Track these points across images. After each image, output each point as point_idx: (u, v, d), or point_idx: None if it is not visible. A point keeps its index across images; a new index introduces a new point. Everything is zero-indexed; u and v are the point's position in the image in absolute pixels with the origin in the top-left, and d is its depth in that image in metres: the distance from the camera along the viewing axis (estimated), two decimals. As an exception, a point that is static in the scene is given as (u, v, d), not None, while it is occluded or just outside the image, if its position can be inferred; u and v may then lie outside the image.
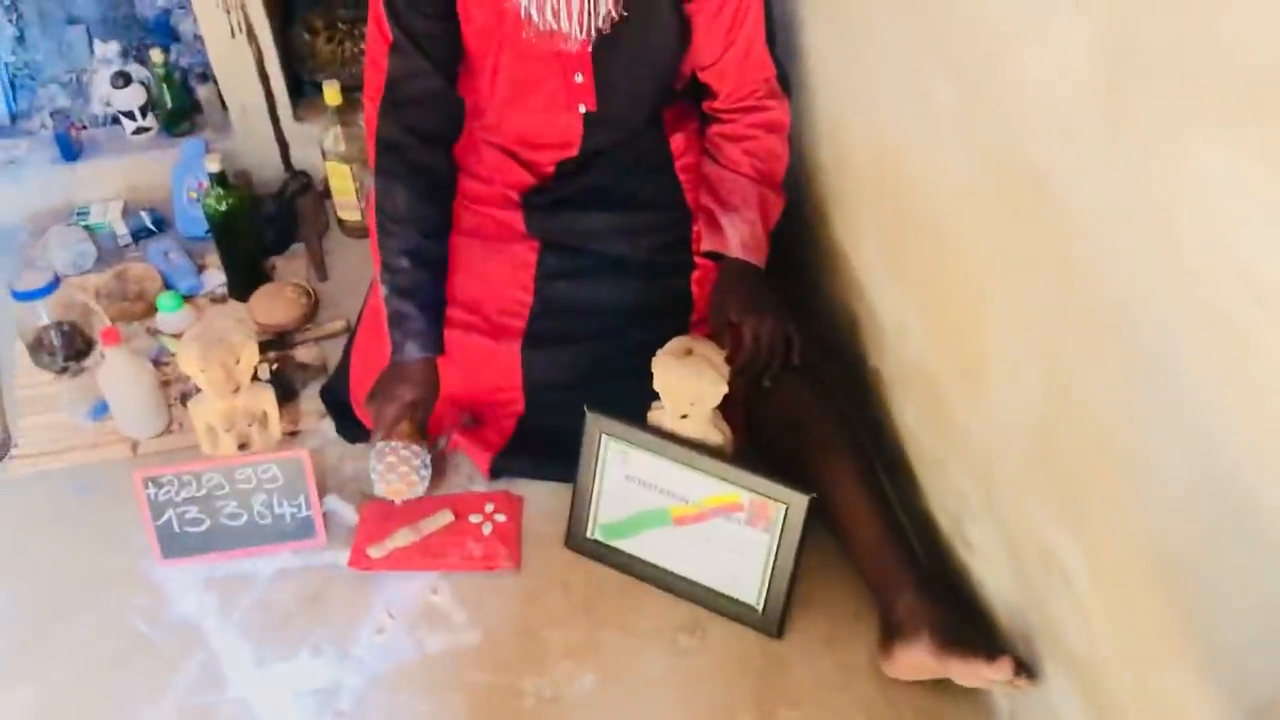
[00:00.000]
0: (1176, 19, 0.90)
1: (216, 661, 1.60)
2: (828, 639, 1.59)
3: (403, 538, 1.69)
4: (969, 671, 1.40)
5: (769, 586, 1.58)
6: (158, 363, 2.00)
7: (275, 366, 1.97)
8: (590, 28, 1.58)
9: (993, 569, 1.47)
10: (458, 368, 1.77)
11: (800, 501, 1.53)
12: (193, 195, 2.28)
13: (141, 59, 2.45)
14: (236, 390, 1.75)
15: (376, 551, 1.68)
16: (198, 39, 2.36)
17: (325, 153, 2.23)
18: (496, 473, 1.79)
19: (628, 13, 1.60)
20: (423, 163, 1.74)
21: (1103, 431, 1.13)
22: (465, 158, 1.86)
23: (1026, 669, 1.37)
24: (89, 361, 2.02)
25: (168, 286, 2.17)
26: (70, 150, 2.37)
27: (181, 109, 2.40)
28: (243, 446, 1.79)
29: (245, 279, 2.16)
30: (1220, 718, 1.00)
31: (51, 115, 2.49)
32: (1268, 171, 0.82)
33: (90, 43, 2.51)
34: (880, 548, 1.55)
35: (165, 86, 2.36)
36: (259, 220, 2.22)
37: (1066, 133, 1.09)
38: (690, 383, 1.56)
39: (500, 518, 1.73)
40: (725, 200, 1.76)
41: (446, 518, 1.72)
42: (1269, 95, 0.81)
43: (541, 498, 1.78)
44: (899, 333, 1.66)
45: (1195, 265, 0.93)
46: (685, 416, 1.60)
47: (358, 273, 2.11)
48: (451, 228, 1.82)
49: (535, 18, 1.56)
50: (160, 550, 1.70)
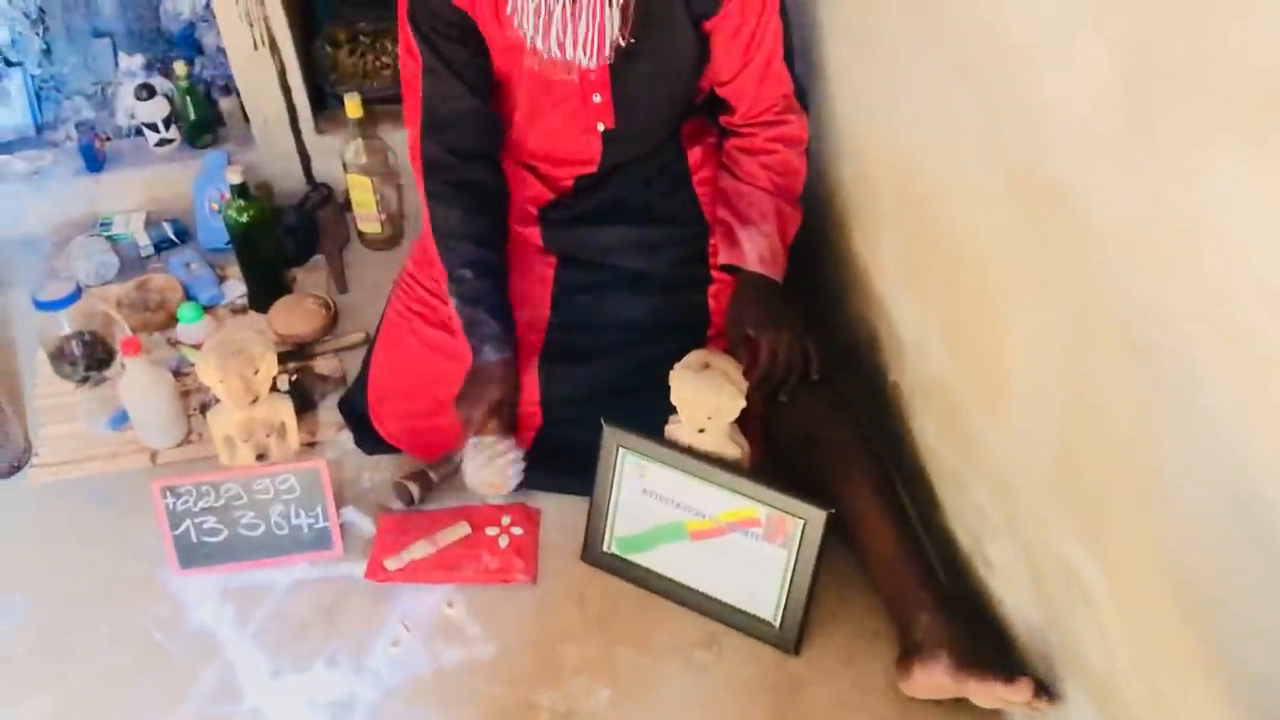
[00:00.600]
0: (1196, 36, 0.90)
1: (232, 672, 1.61)
2: (845, 657, 1.58)
3: (419, 550, 1.69)
4: (987, 692, 1.39)
5: (786, 602, 1.57)
6: (178, 373, 2.01)
7: (294, 378, 1.97)
8: (597, 55, 1.58)
9: (1012, 587, 1.46)
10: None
11: (818, 517, 1.52)
12: (214, 207, 2.29)
13: (166, 71, 2.47)
14: (255, 401, 1.75)
15: (393, 563, 1.68)
16: (221, 52, 2.37)
17: (346, 165, 2.24)
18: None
19: (640, 37, 1.60)
20: (468, 179, 1.76)
21: (1123, 448, 1.12)
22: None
23: (1046, 690, 1.35)
24: (110, 371, 2.03)
25: (189, 297, 2.18)
26: (94, 161, 2.38)
27: (204, 121, 2.42)
28: (261, 457, 1.80)
29: (266, 290, 2.17)
30: (1242, 740, 0.99)
31: (77, 127, 2.51)
32: (1290, 188, 0.82)
33: (115, 55, 2.53)
34: (898, 565, 1.54)
35: (188, 99, 2.38)
36: (280, 232, 2.23)
37: (1087, 148, 1.09)
38: (708, 397, 1.56)
39: (517, 531, 1.73)
40: (743, 214, 1.75)
41: (463, 530, 1.72)
42: (1290, 111, 0.80)
43: (558, 511, 1.77)
44: (918, 347, 1.65)
45: (1216, 281, 0.92)
46: (702, 430, 1.60)
47: (377, 285, 2.11)
48: (507, 235, 1.83)
49: (540, 47, 1.57)
50: (177, 560, 1.70)
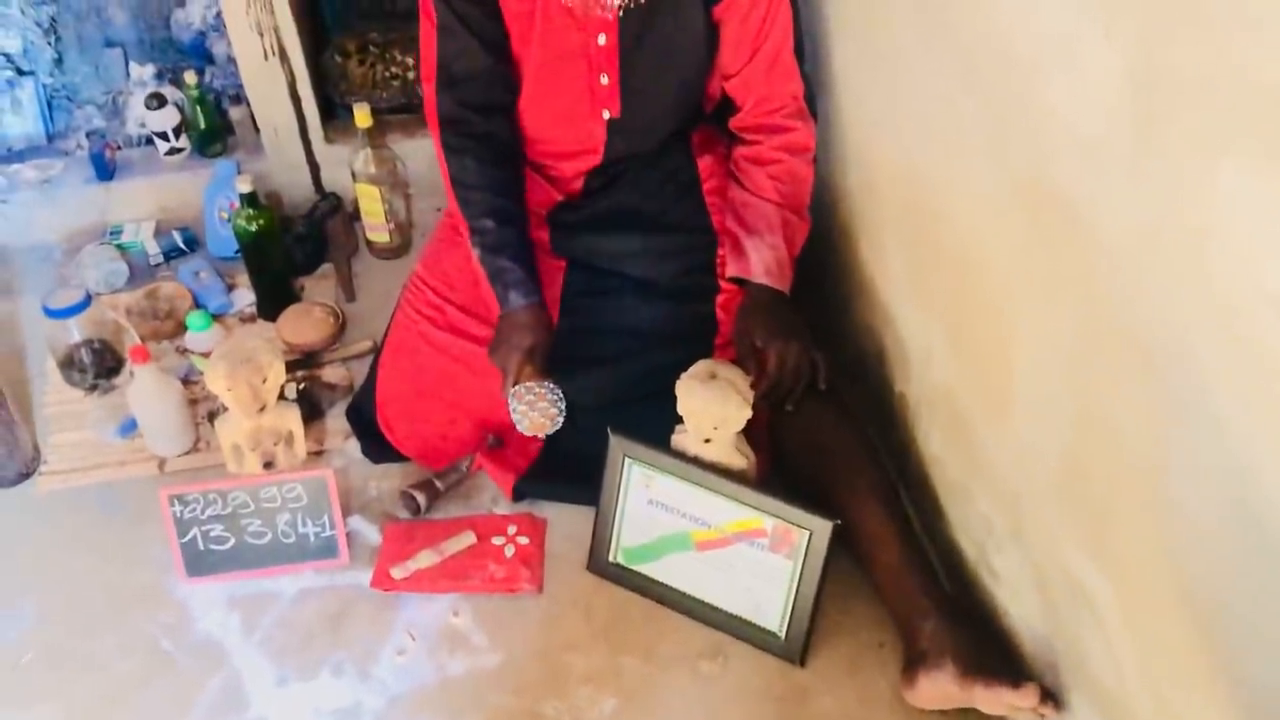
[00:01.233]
0: (1204, 45, 0.90)
1: (238, 680, 1.61)
2: (851, 667, 1.58)
3: (425, 559, 1.69)
4: (994, 699, 1.39)
5: (792, 613, 1.57)
6: (186, 381, 2.02)
7: (302, 386, 1.98)
8: None
9: (1018, 597, 1.45)
10: (483, 387, 1.77)
11: (824, 528, 1.52)
12: (224, 216, 2.30)
13: (176, 81, 2.48)
14: (263, 409, 1.76)
15: (399, 572, 1.68)
16: (231, 61, 2.38)
17: (355, 174, 2.25)
18: (520, 495, 1.79)
19: (650, 21, 1.61)
20: (485, 132, 1.77)
21: (1129, 458, 1.12)
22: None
23: (1052, 696, 1.35)
24: (119, 379, 2.04)
25: (198, 306, 2.19)
26: (105, 170, 2.40)
27: (214, 130, 2.43)
28: (268, 465, 1.80)
29: (274, 299, 2.18)
30: (1248, 753, 0.98)
31: (88, 136, 2.53)
32: (1297, 199, 0.82)
33: (127, 65, 2.54)
34: (903, 574, 1.54)
35: (198, 108, 2.39)
36: (288, 241, 2.24)
37: (1094, 157, 1.09)
38: (714, 407, 1.56)
39: (523, 540, 1.73)
40: (750, 225, 1.76)
41: (469, 539, 1.72)
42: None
43: (565, 521, 1.77)
44: (925, 358, 1.65)
45: (1222, 290, 0.92)
46: (709, 440, 1.60)
47: (385, 294, 2.12)
48: (524, 183, 1.84)
49: None
50: (185, 568, 1.71)
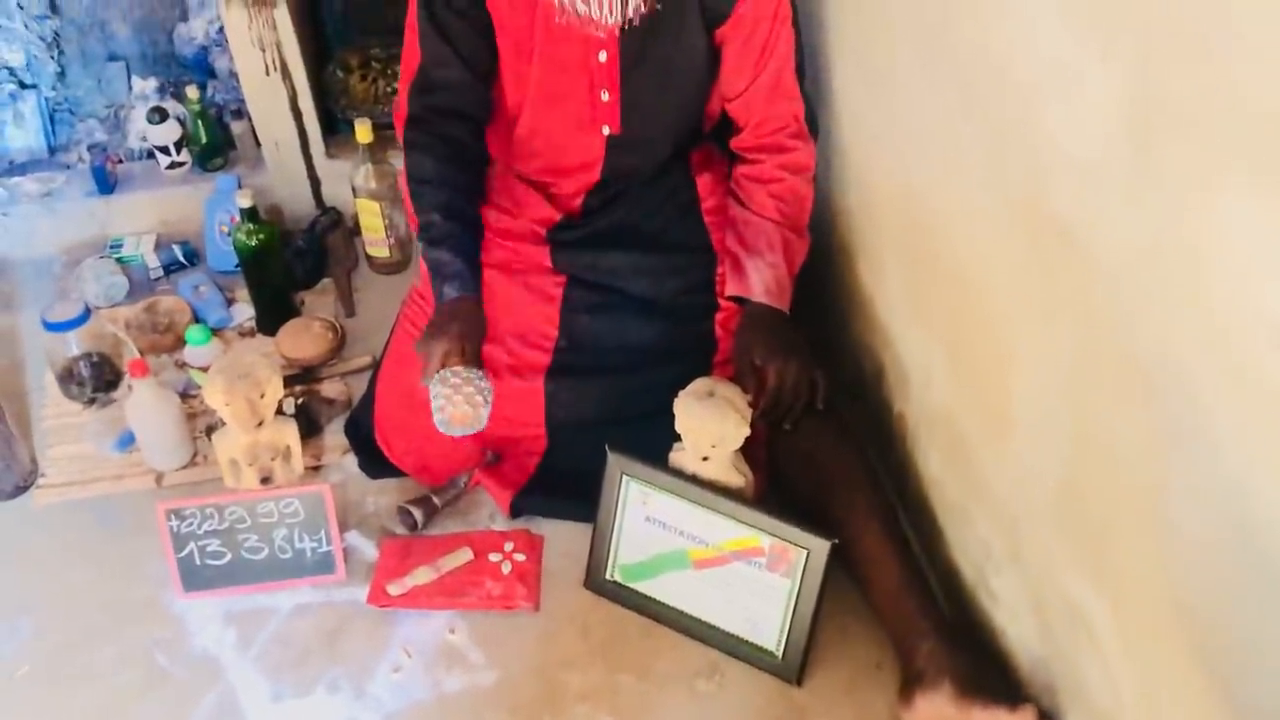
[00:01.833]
0: (1202, 73, 0.90)
1: (234, 696, 1.60)
2: (848, 687, 1.58)
3: (422, 575, 1.69)
4: (991, 721, 1.38)
5: (789, 632, 1.57)
6: (185, 395, 2.02)
7: (300, 401, 1.98)
8: (621, 13, 1.57)
9: (1015, 619, 1.45)
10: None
11: (822, 547, 1.52)
12: (224, 230, 2.31)
13: (178, 95, 2.49)
14: (260, 424, 1.75)
15: (395, 589, 1.68)
16: (233, 76, 2.39)
17: (356, 189, 2.25)
18: (517, 511, 1.79)
19: (651, 38, 1.60)
20: (449, 134, 1.76)
21: (1127, 481, 1.12)
22: (495, 193, 1.89)
23: (1050, 719, 1.35)
24: (117, 393, 2.04)
25: (197, 320, 2.19)
26: (106, 184, 2.40)
27: (215, 145, 2.43)
28: (265, 480, 1.80)
29: (274, 313, 2.18)
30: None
31: (89, 149, 2.53)
32: (1294, 224, 0.82)
33: (129, 79, 2.55)
34: (901, 594, 1.53)
35: (200, 122, 2.39)
36: (288, 255, 2.25)
37: (1092, 182, 1.09)
38: (712, 425, 1.56)
39: (520, 557, 1.73)
40: (750, 244, 1.76)
41: (466, 556, 1.72)
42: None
43: (562, 537, 1.77)
44: (924, 378, 1.65)
45: (1221, 317, 0.92)
46: (707, 459, 1.59)
47: (385, 309, 2.12)
48: (484, 195, 1.84)
49: (566, 4, 1.56)
50: (181, 583, 1.70)
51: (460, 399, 1.57)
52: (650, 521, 1.64)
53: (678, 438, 1.61)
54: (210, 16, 2.49)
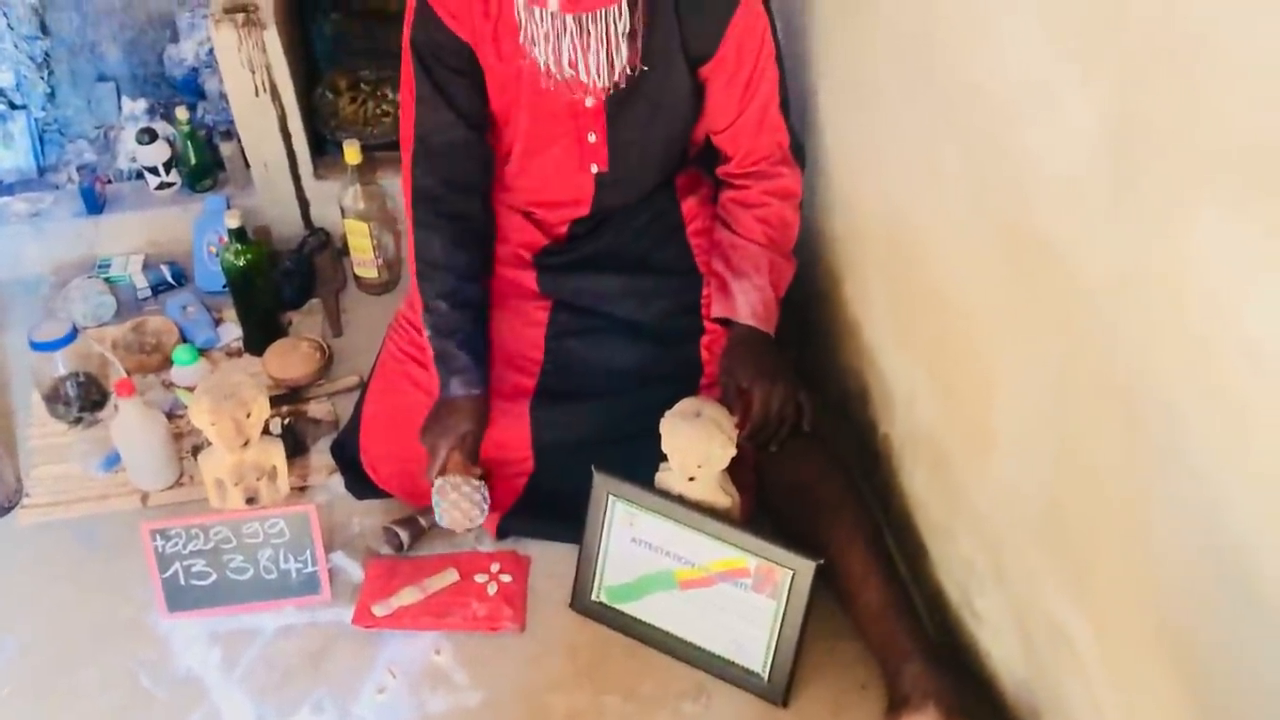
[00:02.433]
0: (1181, 95, 0.91)
1: (218, 717, 1.59)
2: (834, 708, 1.57)
3: (408, 596, 1.69)
4: (975, 744, 1.39)
5: (774, 653, 1.57)
6: (171, 415, 2.01)
7: (287, 421, 1.98)
8: (608, 78, 1.57)
9: (1000, 640, 1.45)
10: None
11: (807, 568, 1.52)
12: (213, 250, 2.31)
13: (168, 116, 2.49)
14: (246, 444, 1.75)
15: (381, 609, 1.68)
16: (223, 97, 2.40)
17: (344, 210, 2.26)
18: (503, 532, 1.79)
19: (646, 67, 1.61)
20: (457, 211, 1.77)
21: (1110, 503, 1.13)
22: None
23: (1033, 744, 1.35)
24: (103, 413, 2.03)
25: (185, 340, 2.19)
26: (94, 204, 2.40)
27: (204, 165, 2.43)
28: (251, 501, 1.79)
29: (261, 333, 2.18)
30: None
31: (78, 169, 2.53)
32: (1270, 246, 0.83)
33: (119, 100, 2.56)
34: (886, 616, 1.54)
35: (189, 143, 2.40)
36: (277, 276, 2.25)
37: (1073, 204, 1.10)
38: (699, 445, 1.56)
39: (506, 578, 1.72)
40: (736, 267, 1.77)
41: (452, 577, 1.72)
42: (1271, 171, 0.81)
43: (549, 558, 1.77)
44: (908, 399, 1.65)
45: (1200, 338, 0.93)
46: (693, 479, 1.60)
47: (373, 329, 2.12)
48: (491, 271, 1.85)
49: (554, 69, 1.58)
50: (166, 603, 1.70)
51: (459, 512, 1.69)
52: (636, 542, 1.64)
53: (664, 458, 1.61)
54: (200, 38, 2.50)
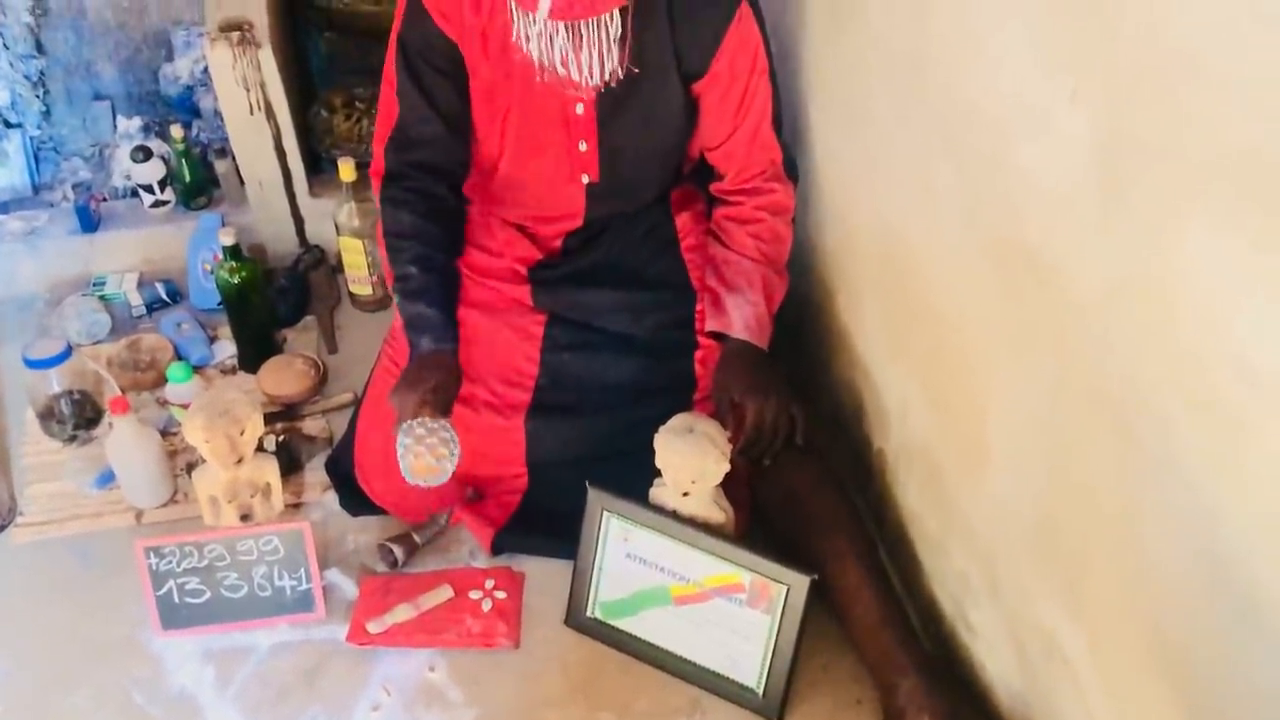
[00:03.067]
0: (1169, 110, 0.92)
1: (212, 735, 1.59)
2: (828, 724, 1.58)
3: (402, 613, 1.68)
4: (970, 759, 1.38)
5: (769, 669, 1.57)
6: (166, 433, 2.01)
7: (281, 438, 1.98)
8: (599, 78, 1.57)
9: (994, 653, 1.45)
10: (462, 442, 1.77)
11: (801, 583, 1.52)
12: (207, 268, 2.31)
13: (163, 134, 2.50)
14: (240, 461, 1.75)
15: (375, 626, 1.67)
16: (218, 115, 2.40)
17: (339, 227, 2.26)
18: (498, 549, 1.79)
19: (630, 89, 1.62)
20: (425, 189, 1.78)
21: (1103, 515, 1.13)
22: (476, 233, 1.90)
23: (1028, 758, 1.35)
24: (98, 431, 2.03)
25: (179, 357, 2.18)
26: (89, 222, 2.40)
27: (199, 183, 2.44)
28: (245, 518, 1.79)
29: (256, 351, 2.18)
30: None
31: (73, 187, 2.54)
32: (1259, 259, 0.83)
33: (114, 118, 2.56)
34: (881, 630, 1.54)
35: (184, 161, 2.40)
36: (271, 293, 2.25)
37: (1063, 218, 1.11)
38: (692, 460, 1.56)
39: (500, 594, 1.72)
40: (730, 281, 1.77)
41: (446, 593, 1.71)
42: (1259, 185, 0.82)
43: (543, 574, 1.76)
44: (902, 413, 1.66)
45: (1191, 350, 0.94)
46: (687, 494, 1.60)
47: (367, 346, 2.12)
48: (461, 249, 1.85)
49: (547, 65, 1.57)
50: (159, 621, 1.69)
51: (423, 450, 1.59)
52: (631, 558, 1.64)
53: (658, 474, 1.61)
54: (195, 56, 2.51)
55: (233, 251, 2.09)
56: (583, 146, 1.75)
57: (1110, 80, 1.00)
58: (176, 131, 2.39)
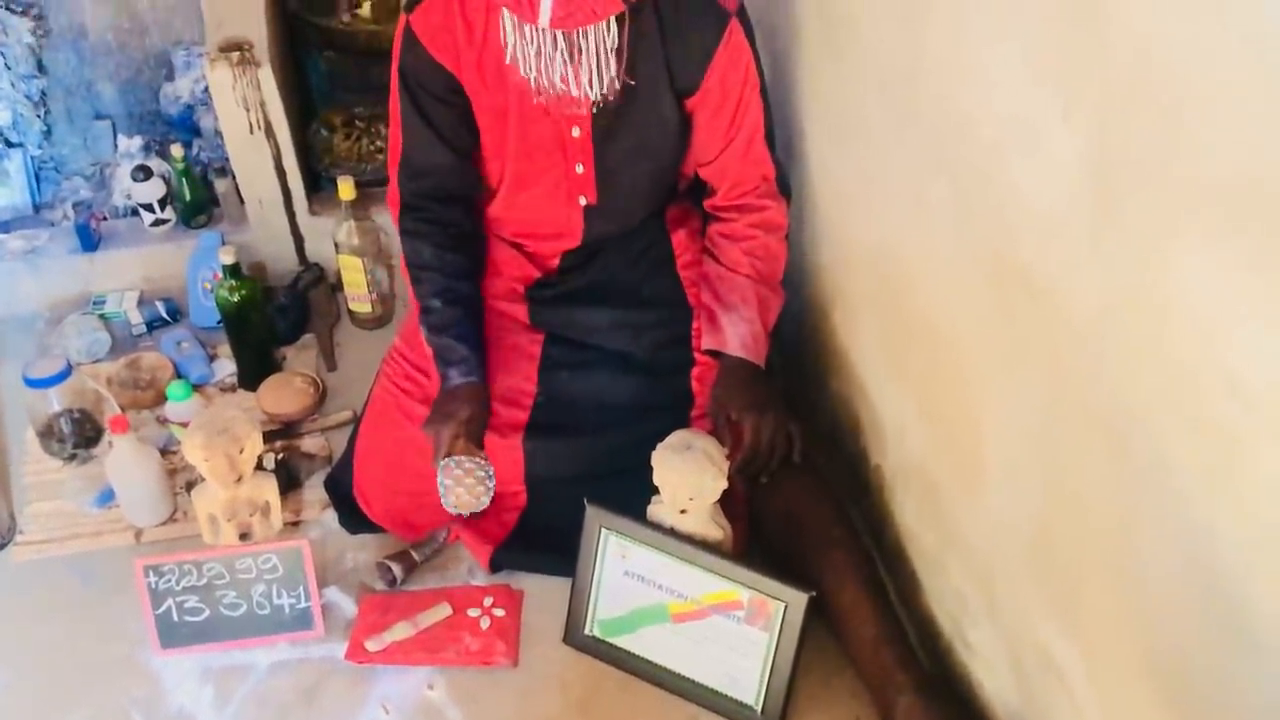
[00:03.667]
0: (1162, 131, 0.92)
1: (210, 755, 1.59)
2: (827, 741, 1.57)
3: (400, 631, 1.68)
4: (968, 777, 1.38)
5: (767, 686, 1.57)
6: (165, 451, 2.01)
7: (281, 456, 1.98)
8: (599, 91, 1.58)
9: (992, 671, 1.45)
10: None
11: (799, 600, 1.52)
12: (207, 286, 2.32)
13: (163, 153, 2.51)
14: (239, 480, 1.75)
15: (374, 644, 1.67)
16: (218, 134, 2.41)
17: (338, 246, 2.27)
18: (496, 566, 1.79)
19: (624, 110, 1.63)
20: (440, 219, 1.80)
21: (1098, 533, 1.13)
22: (474, 253, 1.91)
23: (1027, 775, 1.35)
24: (97, 449, 2.04)
25: (179, 376, 2.19)
26: (89, 240, 2.41)
27: (199, 202, 2.45)
28: (244, 536, 1.79)
29: (255, 369, 2.18)
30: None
31: (74, 206, 2.54)
32: (1251, 278, 0.84)
33: (115, 137, 2.57)
34: (879, 647, 1.54)
35: (184, 180, 2.41)
36: (271, 311, 2.26)
37: (1056, 236, 1.11)
38: (690, 478, 1.57)
39: (499, 612, 1.72)
40: (725, 299, 1.78)
41: (444, 611, 1.71)
42: (1251, 205, 0.83)
43: (542, 592, 1.77)
44: (899, 430, 1.66)
45: (1183, 368, 0.94)
46: (685, 511, 1.60)
47: (367, 364, 2.12)
48: (483, 270, 1.88)
49: (545, 84, 1.58)
50: (159, 640, 1.69)
51: (464, 490, 1.73)
52: (629, 575, 1.64)
53: (656, 491, 1.61)
54: (195, 76, 2.52)
55: (232, 270, 2.10)
56: (580, 169, 1.76)
57: (1103, 99, 1.00)
58: (177, 150, 2.40)
